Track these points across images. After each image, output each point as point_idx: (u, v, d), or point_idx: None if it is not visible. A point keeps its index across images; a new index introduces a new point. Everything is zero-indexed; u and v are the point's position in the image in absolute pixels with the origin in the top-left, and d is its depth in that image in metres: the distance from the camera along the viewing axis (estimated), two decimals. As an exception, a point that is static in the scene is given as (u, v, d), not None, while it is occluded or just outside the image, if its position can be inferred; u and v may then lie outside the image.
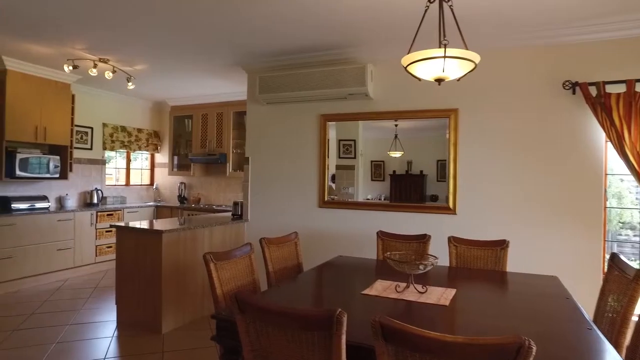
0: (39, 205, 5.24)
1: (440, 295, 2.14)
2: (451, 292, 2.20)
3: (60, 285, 5.01)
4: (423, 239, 3.22)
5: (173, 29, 3.64)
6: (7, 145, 4.87)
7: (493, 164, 3.68)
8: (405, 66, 2.16)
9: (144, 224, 3.96)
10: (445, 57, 1.97)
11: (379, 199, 4.19)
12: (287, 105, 4.49)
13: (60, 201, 5.72)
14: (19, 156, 4.99)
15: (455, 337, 1.12)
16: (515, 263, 3.22)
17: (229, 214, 5.08)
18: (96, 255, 5.68)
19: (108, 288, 4.87)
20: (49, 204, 5.39)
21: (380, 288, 2.28)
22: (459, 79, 2.21)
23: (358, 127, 4.30)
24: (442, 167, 3.89)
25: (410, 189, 4.06)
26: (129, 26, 3.62)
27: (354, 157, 4.33)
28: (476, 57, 2.05)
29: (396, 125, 4.08)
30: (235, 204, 4.70)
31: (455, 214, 3.78)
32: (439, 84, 2.14)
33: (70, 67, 4.39)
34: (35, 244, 4.95)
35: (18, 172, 4.98)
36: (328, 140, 4.30)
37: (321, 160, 4.31)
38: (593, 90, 3.24)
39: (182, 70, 5.02)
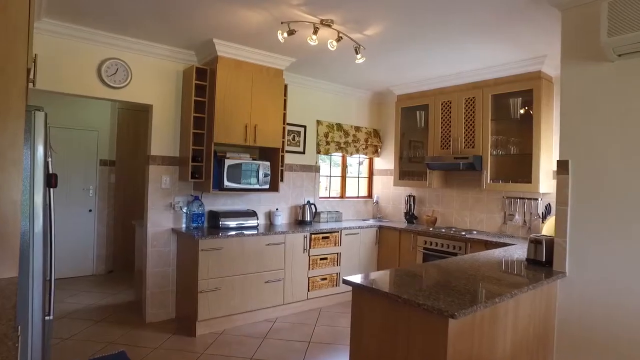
0: (247, 223, 4.21)
1: None
2: None
3: (267, 330, 3.82)
4: None
5: None
6: (215, 149, 3.94)
7: None
8: None
9: (400, 284, 2.27)
10: None
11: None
12: (661, 55, 2.23)
13: (270, 217, 4.67)
14: (227, 162, 4.03)
15: None
16: None
17: (502, 250, 3.08)
18: (308, 290, 4.40)
19: (325, 348, 3.45)
20: (258, 221, 4.33)
21: None
22: None
23: None
24: None
25: None
26: None
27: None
28: None
29: None
30: (537, 242, 2.65)
31: None
32: None
33: (285, 34, 3.10)
34: (241, 275, 3.88)
35: (226, 183, 4.02)
36: None
37: None
38: None
39: (429, 30, 3.26)
